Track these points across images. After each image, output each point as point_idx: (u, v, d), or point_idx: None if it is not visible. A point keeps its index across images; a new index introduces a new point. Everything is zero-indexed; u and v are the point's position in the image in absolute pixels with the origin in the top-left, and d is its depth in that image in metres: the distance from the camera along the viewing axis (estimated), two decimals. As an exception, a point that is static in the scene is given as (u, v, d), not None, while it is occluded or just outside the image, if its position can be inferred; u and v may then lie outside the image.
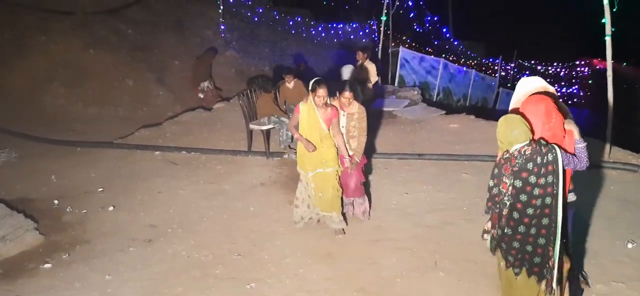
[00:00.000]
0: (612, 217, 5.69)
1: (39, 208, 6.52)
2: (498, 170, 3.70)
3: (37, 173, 7.70)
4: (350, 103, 5.47)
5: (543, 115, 3.68)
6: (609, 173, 6.88)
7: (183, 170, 7.73)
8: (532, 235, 3.61)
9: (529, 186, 3.53)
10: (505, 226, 3.70)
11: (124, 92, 11.92)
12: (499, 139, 3.67)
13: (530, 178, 3.52)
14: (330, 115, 5.35)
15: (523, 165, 3.54)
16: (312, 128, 5.35)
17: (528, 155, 3.53)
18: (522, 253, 3.69)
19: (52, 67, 11.84)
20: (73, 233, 5.95)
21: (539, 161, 3.50)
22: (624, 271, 4.64)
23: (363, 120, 5.56)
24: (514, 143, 3.57)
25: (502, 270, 3.90)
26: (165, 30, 14.24)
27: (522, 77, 4.29)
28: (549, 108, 3.69)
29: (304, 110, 5.37)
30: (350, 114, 5.54)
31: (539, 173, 3.51)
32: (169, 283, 4.86)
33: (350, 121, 5.54)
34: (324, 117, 5.33)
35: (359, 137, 5.57)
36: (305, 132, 5.38)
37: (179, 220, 6.14)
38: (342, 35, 20.73)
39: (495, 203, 3.75)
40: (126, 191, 7.01)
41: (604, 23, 7.03)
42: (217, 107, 10.72)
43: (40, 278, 5.07)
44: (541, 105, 3.70)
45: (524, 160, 3.54)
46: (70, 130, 10.17)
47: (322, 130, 5.35)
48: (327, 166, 5.40)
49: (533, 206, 3.55)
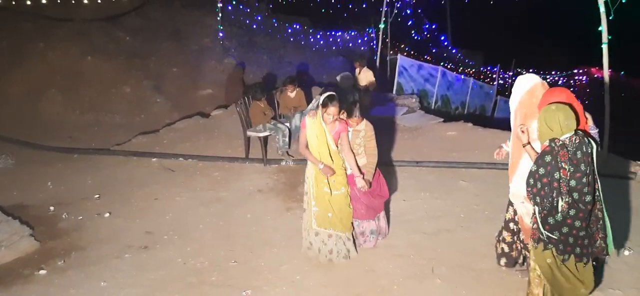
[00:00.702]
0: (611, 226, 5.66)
1: (34, 214, 6.49)
2: (551, 157, 3.66)
3: (34, 180, 7.67)
4: (357, 123, 5.12)
5: (579, 106, 3.84)
6: (606, 181, 6.85)
7: (180, 176, 7.71)
8: (591, 221, 3.82)
9: (580, 173, 3.64)
10: (565, 213, 3.73)
11: (122, 99, 11.92)
12: (551, 127, 3.67)
13: (581, 166, 3.63)
14: (338, 129, 4.96)
15: (574, 153, 3.64)
16: (321, 146, 4.92)
17: (577, 144, 3.65)
18: (581, 239, 3.81)
19: (49, 73, 11.86)
20: (69, 239, 5.92)
21: (584, 150, 3.65)
22: (621, 278, 4.63)
23: (371, 139, 5.16)
24: (566, 132, 3.65)
25: (550, 265, 3.90)
26: (163, 38, 14.25)
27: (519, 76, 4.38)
28: (575, 99, 3.85)
29: (311, 126, 4.92)
30: (356, 131, 5.15)
31: (586, 162, 3.65)
32: (164, 290, 4.84)
33: (356, 138, 5.15)
34: (332, 131, 4.93)
35: (369, 158, 5.17)
36: (315, 150, 4.94)
37: (176, 227, 6.11)
38: (340, 43, 20.77)
39: (549, 190, 3.70)
40: (123, 198, 6.98)
41: (601, 31, 7.05)
42: (215, 114, 10.70)
43: (36, 284, 5.04)
44: (572, 96, 3.85)
45: (574, 148, 3.64)
46: (67, 136, 10.16)
47: (332, 148, 4.94)
48: (337, 188, 5.00)
49: (589, 193, 3.68)
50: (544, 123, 3.70)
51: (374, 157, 5.16)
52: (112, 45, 13.07)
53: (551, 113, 3.68)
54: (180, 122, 10.42)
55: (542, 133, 3.75)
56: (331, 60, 18.18)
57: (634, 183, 6.73)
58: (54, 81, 11.72)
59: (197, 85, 13.24)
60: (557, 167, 3.65)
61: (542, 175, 3.70)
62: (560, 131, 3.65)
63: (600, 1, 6.92)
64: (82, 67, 12.11)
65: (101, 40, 13.02)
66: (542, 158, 3.70)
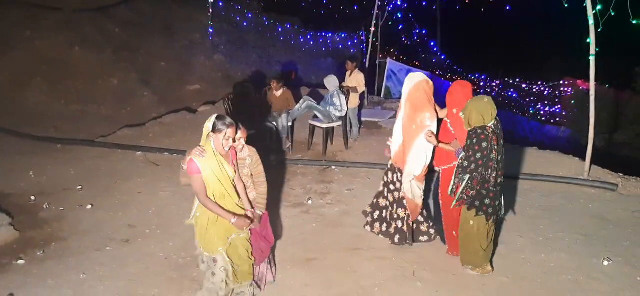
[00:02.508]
0: (589, 234, 5.75)
1: (15, 203, 6.42)
2: (487, 143, 4.40)
3: (16, 169, 7.57)
4: (242, 147, 4.23)
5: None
6: (588, 191, 6.97)
7: (164, 171, 7.66)
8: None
9: (502, 149, 4.55)
10: (493, 186, 4.54)
11: (108, 91, 11.82)
12: (484, 116, 4.40)
13: (501, 143, 4.53)
14: (232, 156, 4.07)
15: (499, 135, 4.52)
16: (224, 181, 3.91)
17: (499, 128, 4.54)
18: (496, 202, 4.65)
19: (35, 62, 11.72)
20: (49, 230, 5.86)
21: (500, 131, 4.55)
22: (600, 289, 4.68)
23: (259, 164, 4.36)
24: (492, 120, 4.44)
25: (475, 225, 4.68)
26: (153, 32, 14.17)
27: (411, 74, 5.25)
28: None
29: (206, 165, 3.80)
30: (242, 160, 4.28)
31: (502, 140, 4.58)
32: (145, 284, 4.80)
33: (242, 169, 4.28)
34: (227, 160, 3.97)
35: (258, 187, 4.38)
36: (219, 196, 3.92)
37: (158, 222, 6.07)
38: (330, 44, 20.79)
39: (484, 169, 4.45)
40: (106, 190, 6.93)
41: (589, 43, 7.12)
42: (202, 110, 10.67)
43: (13, 274, 4.97)
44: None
45: (498, 131, 4.51)
46: (51, 127, 10.05)
47: (231, 179, 4.00)
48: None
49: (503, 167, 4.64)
50: (477, 113, 4.41)
51: (264, 186, 4.38)
52: (101, 36, 12.96)
53: (485, 105, 4.42)
54: (166, 116, 10.37)
55: (474, 120, 4.44)
56: (321, 62, 18.21)
57: (615, 195, 6.83)
58: (40, 70, 11.59)
59: (185, 80, 13.19)
60: (491, 149, 4.40)
61: (478, 159, 4.44)
62: (490, 119, 4.43)
63: (589, 13, 6.99)
64: (69, 57, 12.00)
65: (90, 31, 12.90)
66: (480, 144, 4.41)
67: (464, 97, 4.83)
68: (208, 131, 3.81)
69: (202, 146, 3.84)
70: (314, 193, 6.97)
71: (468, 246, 4.83)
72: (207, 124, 3.84)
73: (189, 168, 3.80)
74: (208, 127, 3.83)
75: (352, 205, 6.48)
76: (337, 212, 6.40)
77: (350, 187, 7.14)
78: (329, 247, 5.49)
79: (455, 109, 4.96)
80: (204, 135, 3.85)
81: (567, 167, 7.67)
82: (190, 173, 3.80)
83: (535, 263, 5.14)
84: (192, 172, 3.79)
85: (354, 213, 6.17)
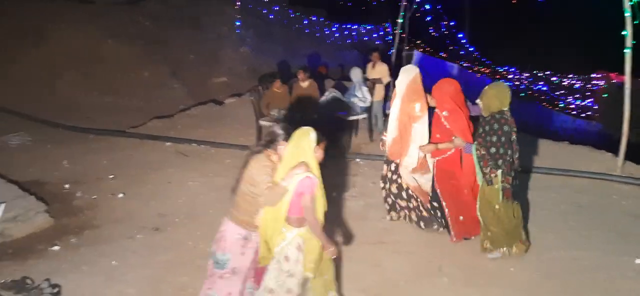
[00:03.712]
0: (622, 231, 5.62)
1: (50, 191, 6.60)
2: (508, 126, 4.68)
3: (50, 158, 7.79)
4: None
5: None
6: (621, 188, 6.81)
7: (193, 161, 7.78)
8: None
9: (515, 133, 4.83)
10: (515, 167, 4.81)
11: (139, 83, 12.04)
12: (503, 101, 4.71)
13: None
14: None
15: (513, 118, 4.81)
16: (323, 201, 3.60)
17: (511, 112, 4.79)
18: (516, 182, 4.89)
19: (69, 55, 12.01)
20: (82, 217, 6.02)
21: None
22: (632, 287, 4.58)
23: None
24: (509, 104, 4.74)
25: (502, 207, 4.79)
26: (183, 25, 14.35)
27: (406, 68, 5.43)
28: None
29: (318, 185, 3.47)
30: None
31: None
32: (174, 272, 4.89)
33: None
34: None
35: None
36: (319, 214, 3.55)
37: (187, 211, 6.18)
38: (355, 36, 20.70)
39: (508, 148, 4.70)
40: (137, 179, 7.07)
41: (625, 35, 6.93)
42: (228, 102, 10.77)
43: (49, 259, 5.12)
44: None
45: (510, 114, 4.77)
46: (84, 117, 10.29)
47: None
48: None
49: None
50: (497, 99, 4.71)
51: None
52: (132, 29, 13.19)
53: (504, 91, 4.79)
54: (194, 108, 10.50)
55: (493, 106, 4.73)
56: (346, 54, 18.15)
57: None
58: (74, 62, 11.88)
59: (212, 72, 13.32)
60: (511, 131, 4.71)
61: (504, 142, 4.67)
62: (507, 104, 4.73)
63: (626, 4, 6.79)
64: (101, 49, 12.26)
65: (122, 24, 13.15)
66: (502, 129, 4.65)
67: (456, 93, 5.17)
68: (312, 144, 3.46)
69: (306, 162, 3.41)
70: (338, 186, 6.97)
71: (498, 228, 4.86)
72: (307, 138, 3.45)
73: (307, 185, 3.38)
74: (311, 138, 3.46)
75: (377, 198, 6.45)
76: (362, 205, 6.39)
77: (375, 180, 7.12)
78: (354, 241, 5.48)
79: (445, 111, 5.16)
80: (305, 149, 3.42)
81: (600, 163, 7.50)
82: (310, 192, 3.39)
83: (566, 261, 5.04)
84: (312, 190, 3.41)
85: (379, 206, 6.15)
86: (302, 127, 3.50)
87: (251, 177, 3.54)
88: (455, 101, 5.18)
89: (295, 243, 3.51)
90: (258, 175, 3.50)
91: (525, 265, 4.90)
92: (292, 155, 3.44)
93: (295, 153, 3.43)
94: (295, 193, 3.41)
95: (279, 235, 3.52)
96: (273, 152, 3.58)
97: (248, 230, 3.64)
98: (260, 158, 3.56)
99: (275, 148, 3.57)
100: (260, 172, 3.49)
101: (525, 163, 7.54)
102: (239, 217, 3.63)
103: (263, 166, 3.52)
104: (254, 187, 3.51)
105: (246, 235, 3.65)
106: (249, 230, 3.65)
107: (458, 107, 5.16)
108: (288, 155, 3.46)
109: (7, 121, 9.50)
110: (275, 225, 3.52)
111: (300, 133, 3.48)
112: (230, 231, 3.66)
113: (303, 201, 3.41)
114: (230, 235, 3.65)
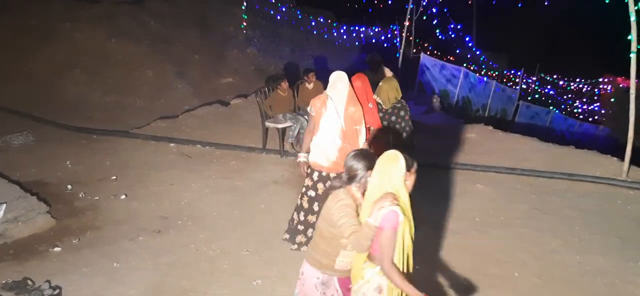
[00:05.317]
0: (626, 237, 5.57)
1: (52, 192, 6.58)
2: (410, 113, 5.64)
3: (53, 158, 7.77)
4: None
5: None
6: (626, 193, 6.74)
7: (197, 163, 7.75)
8: None
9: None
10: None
11: (144, 83, 12.02)
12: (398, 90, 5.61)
13: None
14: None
15: None
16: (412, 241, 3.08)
17: None
18: None
19: (75, 54, 12.02)
20: (84, 218, 5.99)
21: None
22: (636, 292, 4.55)
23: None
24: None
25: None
26: (188, 25, 14.34)
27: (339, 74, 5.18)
28: None
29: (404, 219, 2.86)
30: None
31: None
32: (176, 275, 4.87)
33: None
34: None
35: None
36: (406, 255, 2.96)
37: (190, 213, 6.15)
38: (363, 38, 20.66)
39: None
40: (139, 181, 7.04)
41: (630, 40, 6.90)
42: (235, 102, 10.74)
43: (50, 261, 5.11)
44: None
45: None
46: (88, 117, 10.27)
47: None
48: None
49: None
50: (394, 90, 5.57)
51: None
52: (138, 28, 13.19)
53: (395, 83, 5.66)
54: (200, 108, 10.48)
55: (392, 97, 5.54)
56: (353, 56, 18.11)
57: (657, 198, 6.59)
58: (79, 61, 11.88)
59: (218, 73, 13.30)
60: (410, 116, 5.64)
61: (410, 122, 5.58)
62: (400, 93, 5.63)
63: (631, 9, 6.77)
64: (106, 49, 12.26)
65: (127, 23, 13.15)
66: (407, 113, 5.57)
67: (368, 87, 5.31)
68: (402, 171, 2.88)
69: (393, 193, 2.84)
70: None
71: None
72: (396, 164, 2.88)
73: (389, 220, 2.81)
74: (401, 165, 2.88)
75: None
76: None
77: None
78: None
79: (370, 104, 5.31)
80: (393, 178, 2.87)
81: (605, 167, 7.43)
82: (391, 228, 2.82)
83: (569, 265, 5.01)
84: (395, 226, 2.82)
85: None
86: (388, 153, 2.94)
87: (330, 216, 3.08)
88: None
89: (376, 283, 2.97)
90: (338, 216, 3.02)
91: (529, 269, 4.87)
92: (378, 186, 2.90)
93: (382, 184, 2.89)
94: (379, 225, 2.86)
95: (359, 272, 3.04)
96: (357, 188, 3.09)
97: (327, 273, 3.19)
98: (339, 196, 3.09)
99: (359, 183, 3.08)
100: (340, 213, 3.02)
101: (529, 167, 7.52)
102: (317, 258, 3.21)
103: (344, 205, 3.03)
104: (333, 227, 3.07)
105: (325, 280, 3.21)
106: (328, 274, 3.20)
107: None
108: (374, 187, 2.92)
109: (12, 121, 9.51)
110: (357, 264, 3.07)
111: (387, 160, 2.92)
112: (308, 275, 3.26)
113: (381, 238, 2.85)
114: (309, 279, 3.25)
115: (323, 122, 4.96)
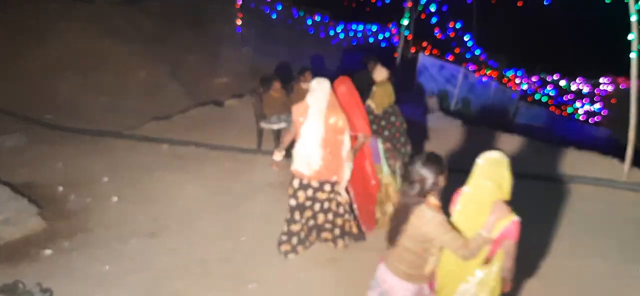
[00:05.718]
0: (627, 240, 5.52)
1: (43, 194, 6.47)
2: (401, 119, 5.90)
3: (45, 159, 7.65)
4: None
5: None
6: (627, 195, 6.67)
7: (191, 165, 7.63)
8: None
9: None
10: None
11: (137, 83, 11.92)
12: (391, 95, 5.80)
13: None
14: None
15: None
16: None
17: None
18: None
19: (67, 54, 11.89)
20: (75, 221, 5.88)
21: None
22: (635, 294, 4.48)
23: None
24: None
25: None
26: (182, 24, 14.24)
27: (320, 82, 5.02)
28: None
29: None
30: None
31: None
32: (169, 278, 4.78)
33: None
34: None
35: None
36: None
37: (183, 216, 6.04)
38: (361, 38, 20.58)
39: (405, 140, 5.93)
40: (131, 182, 6.92)
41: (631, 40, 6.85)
42: (229, 103, 10.63)
43: (41, 263, 5.03)
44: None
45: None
46: (81, 118, 10.14)
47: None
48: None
49: None
50: (388, 94, 5.70)
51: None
52: (131, 28, 13.08)
53: (390, 87, 5.79)
54: (194, 109, 10.36)
55: (386, 102, 5.72)
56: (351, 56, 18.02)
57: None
58: (72, 62, 11.75)
59: (213, 73, 13.22)
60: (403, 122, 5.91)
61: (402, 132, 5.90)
62: (394, 98, 5.81)
63: (631, 9, 6.72)
64: (99, 49, 12.14)
65: (120, 23, 13.04)
66: (398, 120, 5.78)
67: (353, 91, 5.15)
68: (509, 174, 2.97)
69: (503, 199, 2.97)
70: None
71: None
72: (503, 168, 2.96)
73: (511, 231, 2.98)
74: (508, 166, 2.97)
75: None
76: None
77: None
78: (355, 247, 5.36)
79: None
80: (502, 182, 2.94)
81: (606, 169, 7.36)
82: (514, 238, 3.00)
83: (568, 268, 4.96)
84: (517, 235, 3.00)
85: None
86: (492, 154, 2.95)
87: (423, 235, 2.98)
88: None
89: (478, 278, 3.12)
90: (437, 234, 2.94)
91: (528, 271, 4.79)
92: (491, 189, 2.91)
93: (489, 190, 2.90)
94: (498, 237, 2.95)
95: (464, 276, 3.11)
96: (433, 196, 3.04)
97: (418, 283, 3.13)
98: (426, 216, 2.95)
99: (433, 191, 3.02)
100: (438, 232, 2.93)
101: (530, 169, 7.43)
102: (406, 271, 3.11)
103: (438, 224, 2.93)
104: (426, 242, 3.00)
105: (416, 291, 3.14)
106: (419, 284, 3.14)
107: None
108: (486, 189, 2.93)
109: (4, 122, 9.39)
110: (462, 272, 3.10)
111: (493, 163, 2.92)
112: (398, 288, 3.14)
113: (505, 245, 2.97)
114: (399, 292, 3.16)
115: (304, 130, 4.87)
